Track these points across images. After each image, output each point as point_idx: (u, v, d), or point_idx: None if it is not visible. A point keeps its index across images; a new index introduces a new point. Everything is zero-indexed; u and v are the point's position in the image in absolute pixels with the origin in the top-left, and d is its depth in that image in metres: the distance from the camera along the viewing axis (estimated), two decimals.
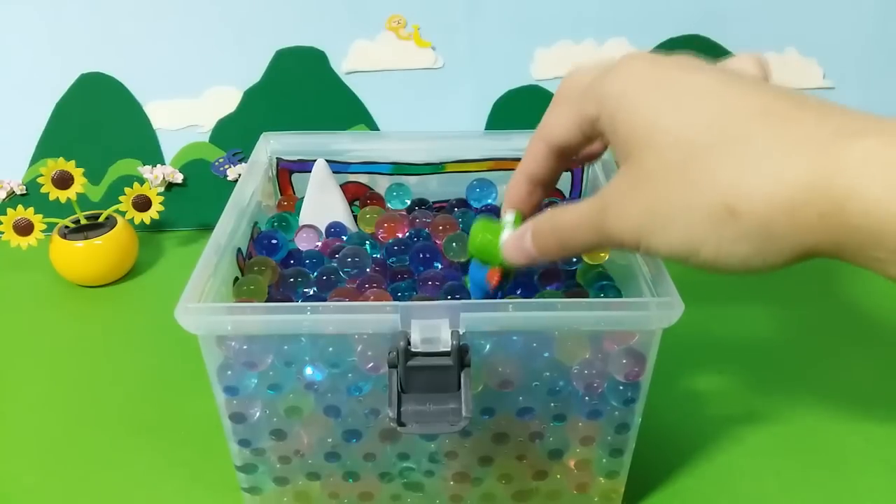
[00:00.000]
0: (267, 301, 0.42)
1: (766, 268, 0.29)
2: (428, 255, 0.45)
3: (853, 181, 0.25)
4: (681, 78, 0.30)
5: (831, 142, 0.26)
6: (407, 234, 0.49)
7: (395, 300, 0.42)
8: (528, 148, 0.37)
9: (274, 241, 0.47)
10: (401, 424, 0.34)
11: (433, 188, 0.54)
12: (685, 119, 0.29)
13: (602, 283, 0.43)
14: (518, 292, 0.44)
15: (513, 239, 0.36)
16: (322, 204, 0.51)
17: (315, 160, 0.51)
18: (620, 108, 0.31)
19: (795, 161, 0.26)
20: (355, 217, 0.52)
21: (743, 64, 0.34)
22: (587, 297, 0.42)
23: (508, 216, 0.37)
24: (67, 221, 0.64)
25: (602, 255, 0.44)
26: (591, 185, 0.52)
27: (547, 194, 0.38)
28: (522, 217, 0.37)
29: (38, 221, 0.64)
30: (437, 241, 0.47)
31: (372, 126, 0.71)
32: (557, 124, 0.35)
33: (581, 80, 0.34)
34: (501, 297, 0.39)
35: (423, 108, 0.70)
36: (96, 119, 0.70)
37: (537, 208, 0.38)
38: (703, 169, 0.28)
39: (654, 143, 0.30)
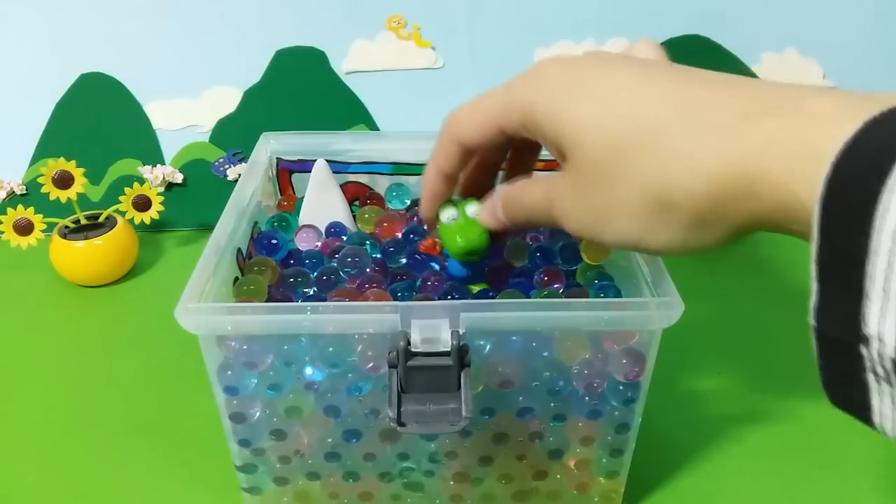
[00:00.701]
0: (267, 301, 0.42)
1: (706, 249, 0.30)
2: (424, 256, 0.45)
3: (759, 165, 0.26)
4: (597, 75, 0.31)
5: (738, 126, 0.27)
6: (403, 232, 0.49)
7: (394, 300, 0.41)
8: (438, 143, 0.37)
9: (274, 241, 0.47)
10: (401, 424, 0.34)
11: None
12: (607, 117, 0.30)
13: (602, 283, 0.43)
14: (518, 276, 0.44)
15: (487, 207, 0.38)
16: (322, 204, 0.51)
17: (315, 160, 0.51)
18: (544, 113, 0.31)
19: (709, 150, 0.27)
20: (355, 217, 0.52)
21: (644, 51, 0.34)
22: (587, 297, 0.42)
23: (451, 212, 0.39)
24: (67, 221, 0.64)
25: (602, 254, 0.44)
26: None
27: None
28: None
29: (39, 221, 0.64)
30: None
31: (372, 126, 0.71)
32: (471, 123, 0.36)
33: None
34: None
35: (423, 108, 0.70)
36: (96, 119, 0.70)
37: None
38: (632, 165, 0.29)
39: (583, 144, 0.30)
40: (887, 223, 0.21)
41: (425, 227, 0.45)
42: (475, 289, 0.43)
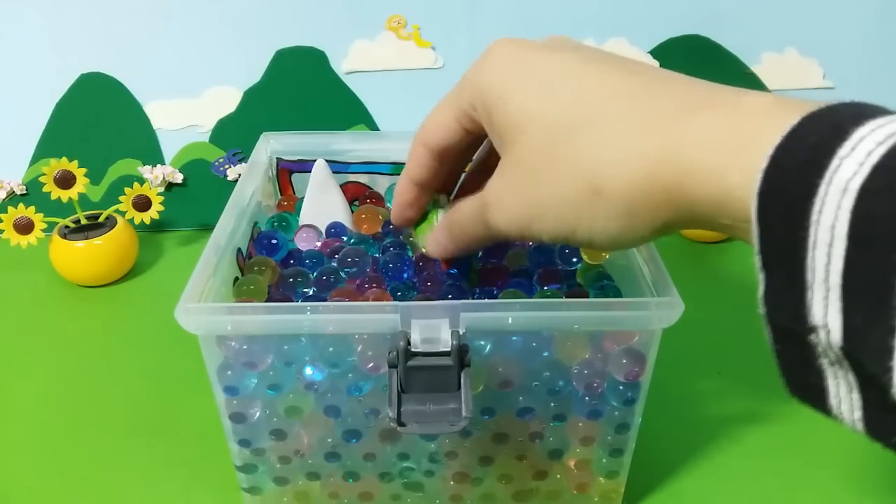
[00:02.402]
0: (267, 301, 0.42)
1: (635, 243, 0.30)
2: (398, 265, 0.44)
3: (691, 156, 0.26)
4: (545, 61, 0.31)
5: (674, 118, 0.27)
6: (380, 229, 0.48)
7: (395, 300, 0.41)
8: (410, 152, 0.38)
9: (274, 241, 0.47)
10: (401, 424, 0.34)
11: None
12: (549, 103, 0.30)
13: (602, 283, 0.43)
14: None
15: (431, 238, 0.39)
16: (322, 204, 0.51)
17: (315, 160, 0.51)
18: (493, 97, 0.32)
19: (644, 140, 0.27)
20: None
21: None
22: (587, 297, 0.42)
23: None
24: (67, 221, 0.64)
25: (603, 254, 0.44)
26: None
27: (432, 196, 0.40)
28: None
29: (39, 220, 0.64)
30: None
31: (372, 126, 0.71)
32: (435, 125, 0.36)
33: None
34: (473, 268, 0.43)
35: (423, 108, 0.69)
36: (96, 119, 0.70)
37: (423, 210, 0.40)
38: (568, 151, 0.29)
39: (524, 129, 0.30)
40: (824, 216, 0.21)
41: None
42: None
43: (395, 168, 0.53)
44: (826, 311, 0.21)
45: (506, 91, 0.31)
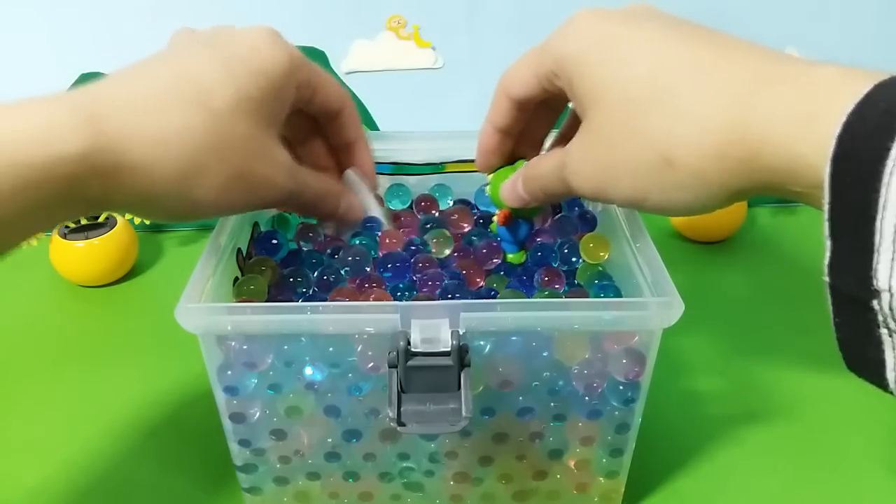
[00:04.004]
0: (267, 301, 0.42)
1: (707, 209, 0.31)
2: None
3: (765, 129, 0.27)
4: (626, 32, 0.32)
5: (748, 90, 0.28)
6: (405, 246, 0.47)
7: (395, 300, 0.42)
8: (493, 99, 0.39)
9: (274, 241, 0.47)
10: (401, 424, 0.34)
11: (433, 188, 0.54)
12: (627, 74, 0.31)
13: (602, 283, 0.43)
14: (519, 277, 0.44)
15: (508, 183, 0.40)
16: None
17: None
18: (574, 67, 0.33)
19: (717, 111, 0.28)
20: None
21: None
22: (587, 297, 0.42)
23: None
24: (67, 221, 0.64)
25: (602, 254, 0.44)
26: None
27: (516, 143, 0.41)
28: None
29: None
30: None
31: (372, 126, 0.71)
32: (517, 77, 0.37)
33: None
34: (524, 242, 0.44)
35: (423, 108, 0.70)
36: None
37: (509, 155, 0.41)
38: (642, 122, 0.30)
39: (603, 99, 0.32)
40: (895, 178, 0.21)
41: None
42: (516, 259, 0.44)
43: (396, 168, 0.53)
44: (891, 273, 0.22)
45: (587, 62, 0.32)
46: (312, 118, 0.42)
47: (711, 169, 0.29)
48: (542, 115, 0.40)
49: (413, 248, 0.46)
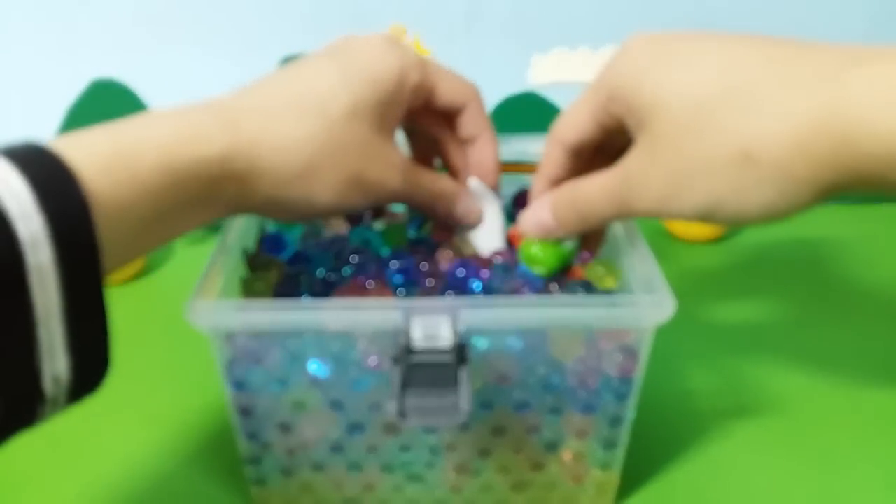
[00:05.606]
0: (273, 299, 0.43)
1: (792, 211, 0.28)
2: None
3: (859, 109, 0.25)
4: (682, 44, 0.31)
5: (835, 75, 0.26)
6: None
7: (397, 298, 0.43)
8: (545, 151, 0.38)
9: (280, 242, 0.48)
10: (403, 418, 0.35)
11: None
12: (691, 78, 0.29)
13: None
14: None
15: (529, 212, 0.38)
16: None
17: None
18: (633, 83, 0.32)
19: (801, 99, 0.26)
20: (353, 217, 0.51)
21: None
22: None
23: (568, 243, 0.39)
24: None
25: (609, 280, 0.43)
26: None
27: None
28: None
29: None
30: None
31: None
32: (571, 120, 0.36)
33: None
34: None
35: None
36: None
37: None
38: (715, 121, 0.28)
39: (665, 105, 0.30)
40: None
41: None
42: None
43: None
44: None
45: (646, 72, 0.31)
46: (442, 115, 0.42)
47: (798, 160, 0.26)
48: (598, 165, 0.37)
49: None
